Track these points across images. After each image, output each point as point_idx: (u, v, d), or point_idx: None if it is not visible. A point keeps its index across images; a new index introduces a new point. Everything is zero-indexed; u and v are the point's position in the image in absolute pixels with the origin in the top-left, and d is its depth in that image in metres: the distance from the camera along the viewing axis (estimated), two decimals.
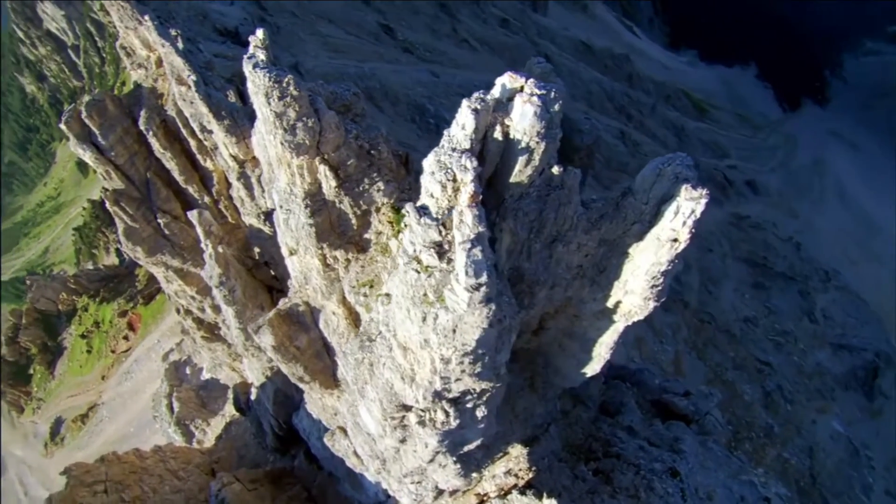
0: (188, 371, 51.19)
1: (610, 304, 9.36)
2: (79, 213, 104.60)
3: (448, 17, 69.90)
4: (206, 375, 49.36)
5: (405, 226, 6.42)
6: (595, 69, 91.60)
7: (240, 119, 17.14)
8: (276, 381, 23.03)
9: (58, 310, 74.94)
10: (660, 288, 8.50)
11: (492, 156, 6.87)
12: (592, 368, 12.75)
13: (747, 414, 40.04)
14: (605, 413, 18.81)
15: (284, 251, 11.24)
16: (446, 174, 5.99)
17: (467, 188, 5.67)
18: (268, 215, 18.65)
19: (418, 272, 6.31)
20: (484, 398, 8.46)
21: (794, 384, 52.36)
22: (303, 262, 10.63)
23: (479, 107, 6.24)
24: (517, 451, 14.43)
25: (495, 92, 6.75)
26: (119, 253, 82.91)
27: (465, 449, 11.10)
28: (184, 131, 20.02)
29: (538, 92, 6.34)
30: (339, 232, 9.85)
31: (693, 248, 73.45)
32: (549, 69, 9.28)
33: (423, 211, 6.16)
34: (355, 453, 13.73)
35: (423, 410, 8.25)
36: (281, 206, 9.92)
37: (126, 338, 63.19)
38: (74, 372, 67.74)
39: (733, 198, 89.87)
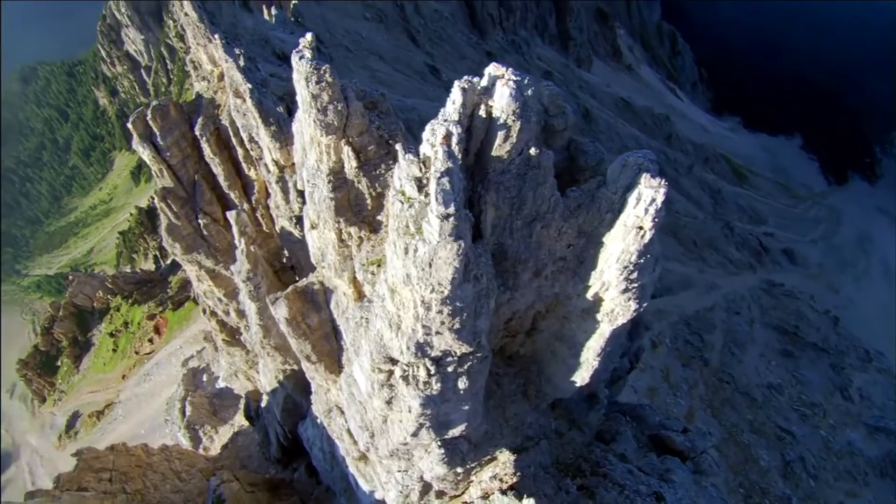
0: (205, 378, 52.54)
1: (592, 298, 10.18)
2: (126, 218, 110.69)
3: None
4: (221, 384, 50.55)
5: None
6: (633, 126, 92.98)
7: (285, 127, 18.92)
8: (286, 387, 23.89)
9: (93, 307, 77.74)
10: (635, 284, 9.31)
11: (478, 131, 8.18)
12: (581, 377, 13.35)
13: (762, 480, 38.25)
14: (600, 440, 18.94)
15: (307, 225, 12.64)
16: (436, 138, 7.24)
17: (440, 131, 6.91)
18: (299, 219, 20.15)
19: (402, 203, 7.43)
20: (465, 366, 9.27)
21: (820, 459, 49.61)
22: (321, 236, 11.94)
23: (466, 86, 7.65)
24: (505, 457, 14.84)
25: (483, 79, 8.08)
26: (156, 259, 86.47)
27: (450, 434, 11.77)
28: (233, 140, 21.94)
29: (515, 78, 7.66)
30: (355, 210, 11.19)
31: (720, 309, 71.44)
32: (556, 92, 10.53)
33: (408, 149, 7.44)
34: (348, 431, 14.49)
35: (407, 365, 9.15)
36: (308, 181, 11.41)
37: (151, 340, 64.99)
38: (98, 368, 69.63)
39: (768, 265, 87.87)
